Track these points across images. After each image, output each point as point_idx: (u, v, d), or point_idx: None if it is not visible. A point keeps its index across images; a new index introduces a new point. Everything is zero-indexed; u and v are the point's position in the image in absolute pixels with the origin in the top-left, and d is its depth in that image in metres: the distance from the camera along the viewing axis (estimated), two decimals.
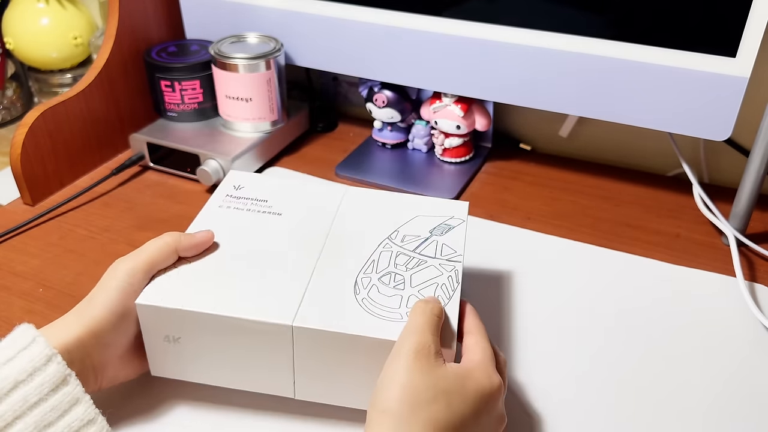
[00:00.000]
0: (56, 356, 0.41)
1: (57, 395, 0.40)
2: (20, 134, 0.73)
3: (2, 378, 0.39)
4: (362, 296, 0.48)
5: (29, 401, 0.39)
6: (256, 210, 0.56)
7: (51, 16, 0.94)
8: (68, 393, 0.40)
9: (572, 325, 0.59)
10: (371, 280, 0.49)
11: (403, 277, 0.50)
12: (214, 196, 0.58)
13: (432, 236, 0.54)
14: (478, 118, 0.80)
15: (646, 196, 0.78)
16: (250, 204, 0.57)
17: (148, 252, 0.48)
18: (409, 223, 0.55)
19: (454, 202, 0.58)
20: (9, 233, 0.71)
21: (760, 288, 0.63)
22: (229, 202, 0.57)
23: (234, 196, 0.58)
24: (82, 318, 0.45)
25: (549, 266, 0.66)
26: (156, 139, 0.81)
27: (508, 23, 0.70)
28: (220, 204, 0.57)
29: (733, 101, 0.63)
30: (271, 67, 0.80)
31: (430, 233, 0.54)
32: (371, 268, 0.51)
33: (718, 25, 0.61)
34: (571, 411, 0.51)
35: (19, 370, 0.39)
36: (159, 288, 0.48)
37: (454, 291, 0.48)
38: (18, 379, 0.39)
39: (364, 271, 0.50)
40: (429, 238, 0.54)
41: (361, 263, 0.51)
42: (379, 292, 0.48)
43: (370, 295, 0.48)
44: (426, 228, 0.55)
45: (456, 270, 0.50)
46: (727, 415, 0.51)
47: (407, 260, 0.51)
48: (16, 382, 0.39)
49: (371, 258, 0.52)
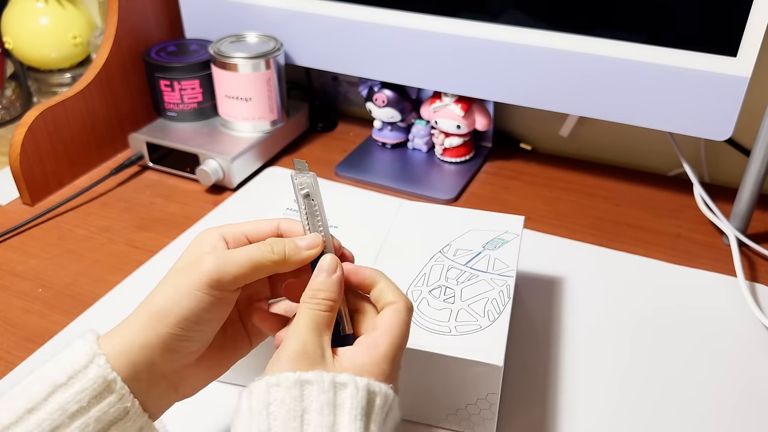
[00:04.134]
0: (99, 357, 0.36)
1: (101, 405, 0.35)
2: (19, 134, 0.73)
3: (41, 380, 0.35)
4: None
5: (68, 410, 0.34)
6: None
7: (50, 15, 0.94)
8: (113, 404, 0.35)
9: (570, 324, 0.59)
10: (422, 293, 0.50)
11: (454, 290, 0.50)
12: (275, 206, 0.59)
13: (485, 250, 0.54)
14: (478, 117, 0.80)
15: (647, 196, 0.78)
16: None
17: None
18: (462, 237, 0.56)
19: (509, 216, 0.58)
20: (8, 233, 0.71)
21: (761, 288, 0.63)
22: (290, 213, 0.58)
23: (293, 209, 0.59)
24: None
25: (549, 266, 0.66)
26: (155, 138, 0.81)
27: (509, 23, 0.69)
28: (282, 215, 0.58)
29: (734, 101, 0.63)
30: (271, 67, 0.79)
31: (483, 247, 0.55)
32: (422, 281, 0.51)
33: (719, 24, 0.61)
34: (570, 410, 0.51)
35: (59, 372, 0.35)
36: None
37: (504, 306, 0.49)
38: (57, 383, 0.35)
39: (415, 284, 0.51)
40: (481, 252, 0.54)
41: (413, 276, 0.52)
42: (429, 305, 0.49)
43: (420, 308, 0.49)
44: (479, 242, 0.55)
45: (508, 285, 0.51)
46: (728, 414, 0.51)
47: (458, 274, 0.52)
48: (55, 385, 0.35)
49: (422, 271, 0.52)
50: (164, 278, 0.40)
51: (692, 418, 0.51)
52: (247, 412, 0.34)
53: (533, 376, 0.54)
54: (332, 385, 0.35)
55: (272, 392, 0.34)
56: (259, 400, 0.34)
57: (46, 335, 0.58)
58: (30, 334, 0.58)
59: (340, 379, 0.35)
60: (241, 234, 0.42)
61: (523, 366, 0.55)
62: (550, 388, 0.53)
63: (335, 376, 0.35)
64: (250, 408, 0.34)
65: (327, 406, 0.34)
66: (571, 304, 0.61)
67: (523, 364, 0.55)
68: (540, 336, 0.58)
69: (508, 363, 0.55)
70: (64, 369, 0.35)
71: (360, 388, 0.35)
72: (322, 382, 0.35)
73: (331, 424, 0.34)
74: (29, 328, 0.59)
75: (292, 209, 0.59)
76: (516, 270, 0.53)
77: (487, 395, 0.46)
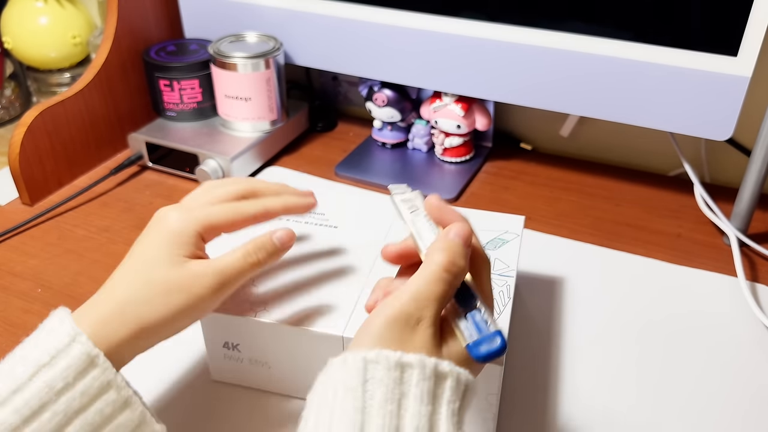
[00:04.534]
0: (80, 335, 0.37)
1: (85, 379, 0.37)
2: (19, 134, 0.73)
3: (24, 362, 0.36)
4: None
5: (55, 387, 0.36)
6: (314, 223, 0.57)
7: (49, 15, 0.94)
8: (97, 377, 0.37)
9: (570, 324, 0.59)
10: None
11: None
12: None
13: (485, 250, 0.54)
14: (478, 117, 0.80)
15: (647, 196, 0.78)
16: (309, 217, 0.58)
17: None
18: None
19: (509, 216, 0.58)
20: (7, 233, 0.71)
21: (762, 288, 0.63)
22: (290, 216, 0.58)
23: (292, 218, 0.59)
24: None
25: (549, 266, 0.66)
26: (155, 138, 0.80)
27: (509, 22, 0.69)
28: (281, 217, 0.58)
29: (735, 101, 0.63)
30: (271, 67, 0.79)
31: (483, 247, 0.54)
32: None
33: (719, 24, 0.61)
34: (570, 410, 0.51)
35: (41, 352, 0.37)
36: None
37: (505, 306, 0.49)
38: (40, 362, 0.36)
39: None
40: None
41: None
42: None
43: None
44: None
45: (508, 285, 0.51)
46: (728, 414, 0.51)
47: None
48: (39, 365, 0.36)
49: None
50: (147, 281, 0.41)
51: (692, 417, 0.50)
52: (341, 386, 0.33)
53: (533, 376, 0.54)
54: (433, 374, 0.33)
55: (370, 369, 0.33)
56: (354, 375, 0.33)
57: None
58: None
59: (441, 369, 0.34)
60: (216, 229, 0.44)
61: (523, 366, 0.55)
62: (550, 388, 0.53)
63: (437, 364, 0.34)
64: (344, 382, 0.33)
65: (427, 394, 0.33)
66: (572, 304, 0.61)
67: (523, 364, 0.55)
68: (540, 336, 0.58)
69: (508, 363, 0.55)
70: (46, 349, 0.37)
71: (461, 382, 0.34)
72: (424, 368, 0.33)
73: (429, 414, 0.32)
74: (29, 328, 0.59)
75: None
76: (516, 270, 0.53)
77: (487, 395, 0.46)
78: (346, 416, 0.31)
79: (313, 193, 0.50)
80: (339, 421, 0.31)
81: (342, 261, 0.53)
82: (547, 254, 0.68)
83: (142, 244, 0.43)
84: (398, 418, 0.32)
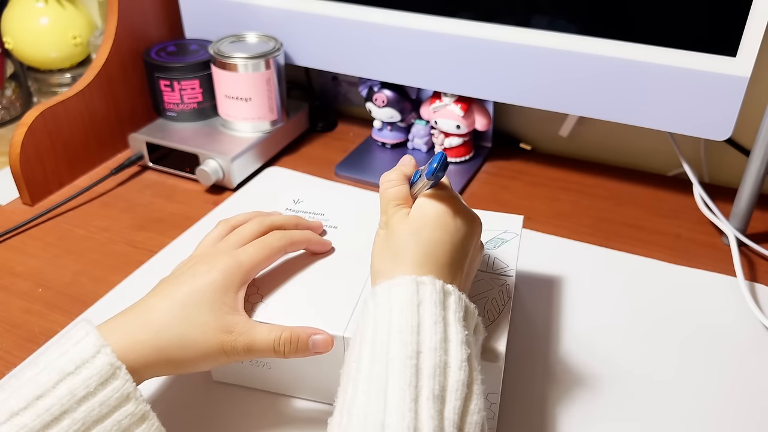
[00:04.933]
0: (106, 347, 0.39)
1: (106, 390, 0.38)
2: (19, 134, 0.73)
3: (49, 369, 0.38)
4: None
5: (77, 395, 0.37)
6: None
7: (50, 15, 0.94)
8: (117, 388, 0.38)
9: (570, 324, 0.59)
10: None
11: None
12: (275, 206, 0.59)
13: (484, 250, 0.54)
14: (478, 117, 0.80)
15: (647, 196, 0.78)
16: (309, 218, 0.58)
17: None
18: None
19: (509, 215, 0.58)
20: (8, 233, 0.71)
21: (761, 288, 0.63)
22: (290, 213, 0.58)
23: (293, 210, 0.59)
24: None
25: (548, 266, 0.66)
26: (155, 138, 0.81)
27: (509, 23, 0.69)
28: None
29: (734, 101, 0.63)
30: (271, 67, 0.79)
31: None
32: None
33: (718, 24, 0.61)
34: (570, 410, 0.51)
35: (67, 361, 0.38)
36: None
37: (504, 305, 0.49)
38: (66, 371, 0.38)
39: None
40: None
41: None
42: None
43: None
44: None
45: (507, 284, 0.51)
46: (728, 414, 0.51)
47: None
48: (64, 373, 0.38)
49: None
50: (188, 321, 0.43)
51: (692, 417, 0.51)
52: (398, 309, 0.39)
53: (533, 375, 0.54)
54: (441, 289, 0.40)
55: (421, 290, 0.39)
56: (406, 297, 0.39)
57: (46, 335, 0.58)
58: (30, 334, 0.58)
59: (446, 288, 0.40)
60: (257, 269, 0.48)
61: (523, 366, 0.55)
62: (550, 387, 0.53)
63: (443, 285, 0.40)
64: (400, 307, 0.39)
65: (438, 302, 0.39)
66: (571, 303, 0.61)
67: (523, 363, 0.55)
68: (540, 336, 0.58)
69: (508, 363, 0.55)
70: (72, 359, 0.38)
71: (462, 298, 0.41)
72: (434, 284, 0.40)
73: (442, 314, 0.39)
74: (29, 328, 0.59)
75: (291, 210, 0.59)
76: (516, 269, 0.53)
77: (487, 395, 0.46)
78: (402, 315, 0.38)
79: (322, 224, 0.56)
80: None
81: (342, 261, 0.53)
82: (547, 254, 0.68)
83: (189, 284, 0.45)
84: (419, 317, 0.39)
